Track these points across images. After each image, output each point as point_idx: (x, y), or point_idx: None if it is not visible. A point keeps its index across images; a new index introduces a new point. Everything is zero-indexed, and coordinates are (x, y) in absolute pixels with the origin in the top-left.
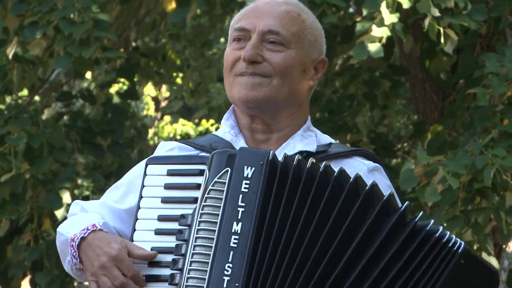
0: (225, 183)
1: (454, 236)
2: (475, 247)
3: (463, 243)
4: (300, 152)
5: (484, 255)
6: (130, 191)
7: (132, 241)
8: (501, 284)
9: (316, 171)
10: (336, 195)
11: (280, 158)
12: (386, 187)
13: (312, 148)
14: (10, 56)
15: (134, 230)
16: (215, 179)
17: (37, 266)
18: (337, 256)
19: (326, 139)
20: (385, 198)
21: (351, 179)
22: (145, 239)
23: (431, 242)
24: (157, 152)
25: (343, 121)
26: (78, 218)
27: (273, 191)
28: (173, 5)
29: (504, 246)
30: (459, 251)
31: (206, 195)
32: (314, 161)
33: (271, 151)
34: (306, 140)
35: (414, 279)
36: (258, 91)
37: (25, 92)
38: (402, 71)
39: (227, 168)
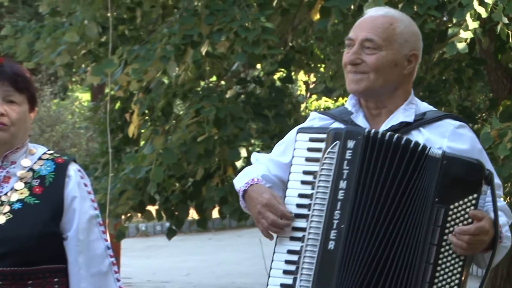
0: (335, 152)
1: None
2: None
3: (441, 150)
4: (401, 123)
5: None
6: (287, 149)
7: (287, 188)
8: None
9: (399, 143)
10: (409, 159)
11: (373, 132)
12: (470, 139)
13: (411, 118)
14: (203, 53)
15: (288, 180)
16: (329, 149)
17: (223, 201)
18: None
19: (425, 107)
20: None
21: (420, 147)
22: (294, 187)
23: (416, 155)
24: (306, 121)
25: (439, 98)
26: (246, 171)
27: (367, 157)
28: (318, 16)
29: None
30: (438, 155)
31: (323, 161)
32: (399, 135)
33: (367, 129)
34: (407, 112)
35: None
36: (359, 84)
37: (214, 78)
38: (481, 62)
39: (337, 141)
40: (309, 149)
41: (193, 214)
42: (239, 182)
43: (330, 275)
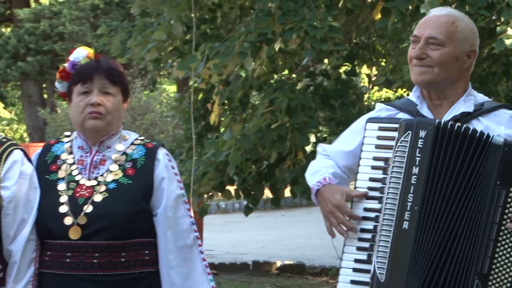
0: (407, 141)
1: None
2: None
3: (503, 138)
4: (462, 113)
5: None
6: (352, 137)
7: (358, 172)
8: None
9: (465, 132)
10: (474, 147)
11: (443, 123)
12: None
13: (470, 108)
14: (277, 49)
15: (359, 165)
16: (402, 138)
17: (294, 181)
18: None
19: (482, 98)
20: None
21: (484, 136)
22: (365, 171)
23: (481, 143)
24: (373, 112)
25: (488, 89)
26: (316, 167)
27: (437, 146)
28: (379, 15)
29: None
30: (500, 143)
31: (396, 149)
32: (465, 126)
33: (437, 120)
34: (467, 103)
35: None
36: (424, 76)
37: (286, 71)
38: None
39: (409, 131)
40: (379, 137)
41: (267, 193)
42: (312, 179)
43: (405, 252)
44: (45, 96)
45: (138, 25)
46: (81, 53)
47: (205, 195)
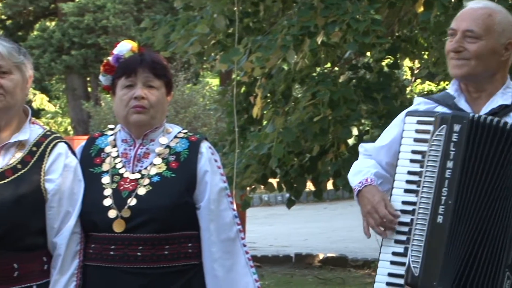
0: (442, 135)
1: None
2: None
3: None
4: (500, 105)
5: None
6: (393, 130)
7: (397, 166)
8: None
9: (500, 126)
10: (507, 140)
11: (477, 117)
12: None
13: (508, 101)
14: (319, 42)
15: (398, 158)
16: (436, 132)
17: (337, 174)
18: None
19: None
20: None
21: None
22: (404, 165)
23: None
24: (413, 105)
25: None
26: (359, 168)
27: (471, 140)
28: (422, 8)
29: None
30: None
31: (431, 143)
32: (499, 119)
33: (471, 114)
34: (505, 96)
35: None
36: (462, 69)
37: (329, 64)
38: None
39: (444, 125)
40: (417, 131)
41: (310, 186)
42: (354, 180)
43: (439, 246)
44: (89, 89)
45: (181, 18)
46: (125, 47)
47: (248, 188)
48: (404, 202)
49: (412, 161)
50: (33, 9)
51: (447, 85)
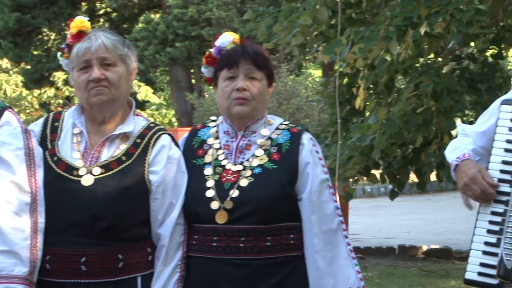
0: None
1: None
2: None
3: None
4: None
5: None
6: (488, 118)
7: (491, 154)
8: None
9: None
10: None
11: None
12: None
13: None
14: (422, 33)
15: (492, 147)
16: None
17: (440, 165)
18: None
19: None
20: None
21: None
22: (498, 154)
23: None
24: (509, 93)
25: None
26: (455, 145)
27: None
28: None
29: None
30: None
31: None
32: None
33: None
34: None
35: None
36: None
37: (432, 55)
38: None
39: None
40: None
41: (413, 178)
42: (451, 155)
43: None
44: (193, 81)
45: (284, 10)
46: (227, 39)
47: (351, 180)
48: (498, 192)
49: (506, 150)
50: (138, 1)
51: None
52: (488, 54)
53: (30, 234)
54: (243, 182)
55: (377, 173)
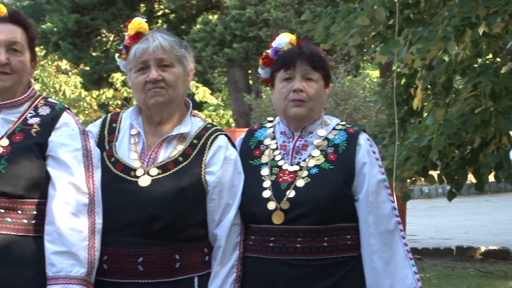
0: None
1: None
2: None
3: None
4: None
5: None
6: None
7: None
8: None
9: None
10: None
11: None
12: None
13: None
14: (480, 33)
15: None
16: None
17: (499, 166)
18: None
19: None
20: None
21: None
22: None
23: None
24: None
25: None
26: None
27: None
28: None
29: None
30: None
31: None
32: None
33: None
34: None
35: None
36: None
37: (490, 55)
38: None
39: None
40: None
41: (471, 178)
42: None
43: None
44: (250, 82)
45: (342, 10)
46: (283, 40)
47: (408, 180)
48: None
49: None
50: (196, 2)
51: None
52: None
53: (88, 235)
54: (300, 183)
55: (434, 173)
